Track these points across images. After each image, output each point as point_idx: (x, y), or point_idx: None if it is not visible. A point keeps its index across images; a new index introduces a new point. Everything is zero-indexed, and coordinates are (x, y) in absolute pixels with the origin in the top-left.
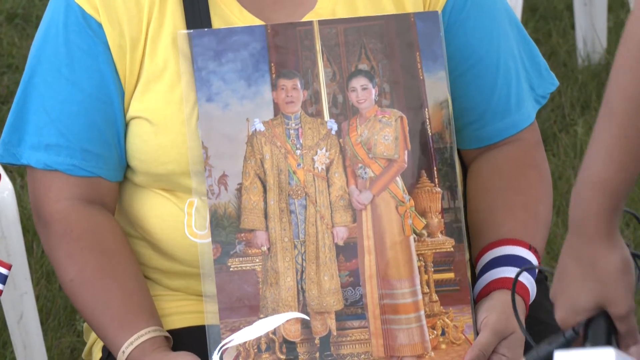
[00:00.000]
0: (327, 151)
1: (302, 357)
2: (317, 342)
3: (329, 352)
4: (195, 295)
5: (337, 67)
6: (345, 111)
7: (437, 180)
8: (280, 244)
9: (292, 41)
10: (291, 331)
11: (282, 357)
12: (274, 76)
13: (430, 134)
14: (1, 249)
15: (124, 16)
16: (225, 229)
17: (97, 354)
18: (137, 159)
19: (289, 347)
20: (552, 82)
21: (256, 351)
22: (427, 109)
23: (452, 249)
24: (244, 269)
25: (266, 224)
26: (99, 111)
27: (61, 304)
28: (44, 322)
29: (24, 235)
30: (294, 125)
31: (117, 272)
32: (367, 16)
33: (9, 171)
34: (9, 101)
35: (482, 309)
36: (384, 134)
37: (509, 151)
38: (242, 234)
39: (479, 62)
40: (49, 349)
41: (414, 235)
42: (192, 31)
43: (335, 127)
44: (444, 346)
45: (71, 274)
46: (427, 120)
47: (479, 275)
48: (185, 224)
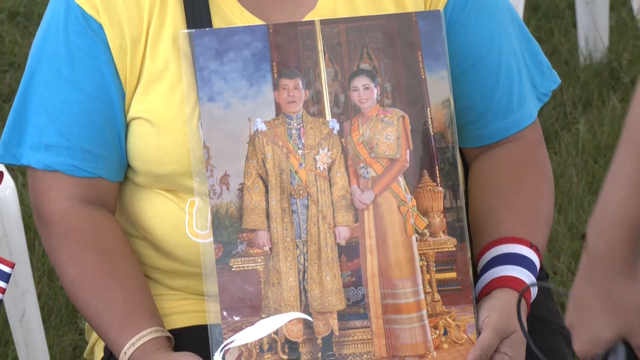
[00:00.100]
0: (329, 151)
1: (305, 357)
2: (319, 342)
3: (331, 352)
4: (196, 294)
5: (339, 67)
6: (347, 111)
7: (439, 179)
8: (282, 244)
9: (293, 41)
10: (293, 331)
11: (284, 357)
12: (276, 76)
13: (432, 133)
14: (3, 247)
15: (125, 16)
16: (227, 229)
17: (99, 354)
18: (137, 159)
19: (291, 347)
20: (553, 80)
21: (258, 351)
22: (429, 108)
23: (454, 249)
24: (246, 269)
25: (268, 224)
26: (99, 111)
27: (63, 302)
28: (45, 320)
29: (26, 233)
30: (295, 125)
31: (118, 272)
32: (369, 15)
33: (10, 169)
34: (10, 99)
35: (484, 308)
36: (386, 133)
37: (511, 149)
38: (244, 234)
39: (481, 61)
40: (50, 347)
41: (416, 234)
42: (194, 31)
43: (337, 126)
44: (446, 346)
45: (72, 274)
46: (429, 119)
47: (480, 273)
48: (186, 224)
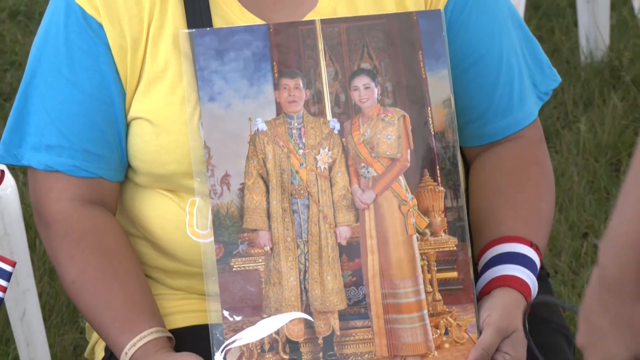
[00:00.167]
0: (329, 150)
1: (306, 357)
2: (320, 342)
3: (332, 352)
4: (197, 294)
5: (340, 66)
6: (347, 110)
7: (440, 179)
8: (283, 244)
9: (294, 40)
10: (294, 331)
11: (285, 357)
12: (276, 75)
13: (433, 132)
14: (4, 246)
15: (125, 16)
16: (227, 228)
17: (100, 354)
18: (138, 159)
19: (292, 347)
20: (554, 79)
21: (259, 351)
22: (429, 108)
23: (455, 248)
24: (247, 269)
25: (269, 224)
26: (99, 111)
27: (64, 301)
28: (46, 319)
29: (27, 232)
30: (296, 124)
31: (119, 272)
32: (369, 15)
33: (11, 168)
34: (11, 98)
35: (484, 307)
36: (387, 133)
37: (511, 148)
38: (245, 234)
39: (481, 60)
40: (51, 346)
41: (417, 234)
42: (194, 30)
43: (337, 126)
44: (447, 345)
45: (72, 274)
46: (430, 118)
47: (481, 273)
48: (186, 224)
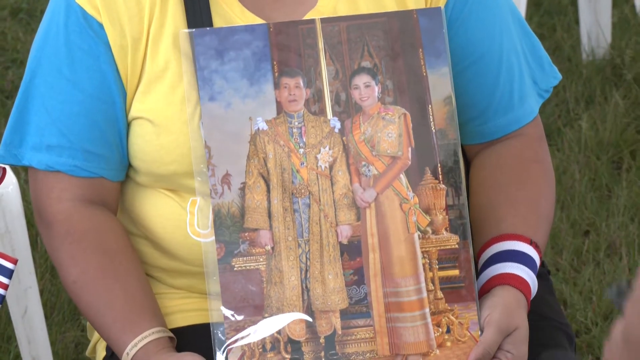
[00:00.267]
0: (330, 149)
1: (307, 357)
2: (322, 341)
3: (334, 351)
4: (198, 293)
5: (340, 65)
6: (348, 109)
7: (441, 177)
8: (284, 243)
9: (294, 39)
10: (296, 330)
11: (287, 356)
12: (277, 75)
13: (433, 130)
14: (6, 244)
15: (125, 16)
16: (228, 228)
17: (102, 353)
18: (139, 159)
19: (294, 346)
20: (554, 76)
21: (261, 350)
22: (430, 106)
23: (456, 246)
24: (248, 268)
25: (270, 223)
26: (100, 111)
27: (65, 298)
28: (48, 317)
29: (29, 229)
30: (297, 123)
31: (120, 272)
32: (369, 13)
33: (13, 166)
34: (13, 96)
35: (485, 306)
36: (388, 131)
37: (512, 146)
38: (246, 234)
39: (482, 58)
40: (53, 344)
41: (419, 232)
42: (194, 30)
43: (338, 125)
44: (449, 344)
45: (73, 275)
46: (431, 116)
47: (481, 270)
48: (187, 223)
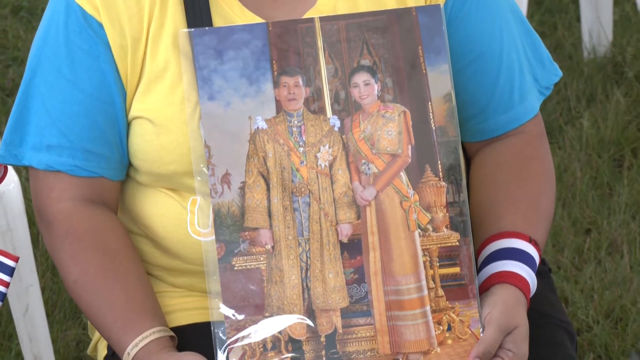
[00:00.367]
0: (330, 148)
1: (308, 355)
2: (322, 340)
3: (334, 350)
4: (198, 292)
5: (339, 64)
6: (347, 107)
7: (441, 174)
8: (284, 242)
9: (293, 38)
10: (297, 329)
11: (288, 355)
12: (276, 74)
13: (433, 127)
14: (7, 242)
15: (125, 16)
16: (229, 227)
17: (103, 351)
18: (139, 159)
19: (295, 345)
20: (555, 73)
21: (262, 350)
22: (430, 103)
23: (457, 243)
24: (249, 267)
25: (270, 222)
26: (100, 111)
27: (67, 296)
28: (49, 315)
29: (30, 227)
30: (296, 122)
31: (120, 272)
32: (368, 11)
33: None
34: (14, 94)
35: (484, 304)
36: (387, 129)
37: (512, 143)
38: (246, 233)
39: (482, 56)
40: (54, 341)
41: (419, 230)
42: (193, 30)
43: (337, 123)
44: (450, 341)
45: (74, 274)
46: (431, 114)
47: (480, 268)
48: (188, 222)
